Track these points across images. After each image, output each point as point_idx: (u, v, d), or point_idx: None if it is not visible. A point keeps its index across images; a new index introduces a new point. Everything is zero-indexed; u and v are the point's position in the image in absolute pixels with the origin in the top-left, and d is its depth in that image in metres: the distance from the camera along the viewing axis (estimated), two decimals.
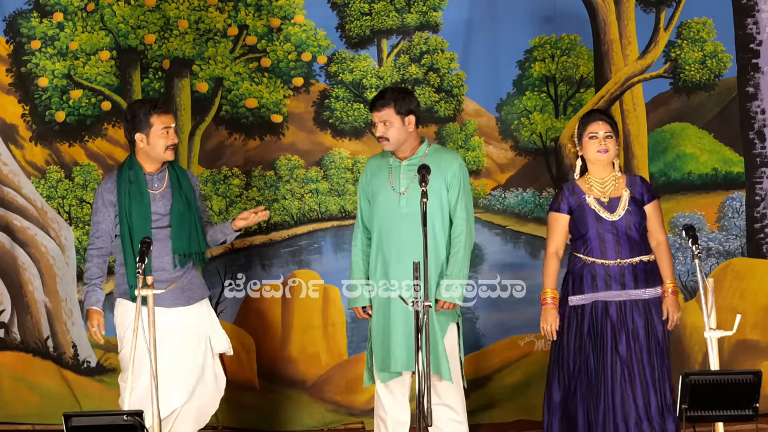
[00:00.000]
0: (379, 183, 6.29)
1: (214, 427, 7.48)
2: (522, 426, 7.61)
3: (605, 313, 6.12)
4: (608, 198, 6.21)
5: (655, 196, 6.30)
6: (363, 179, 6.39)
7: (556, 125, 7.71)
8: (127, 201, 6.10)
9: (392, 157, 6.30)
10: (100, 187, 6.21)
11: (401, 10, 7.64)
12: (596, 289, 6.15)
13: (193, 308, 6.22)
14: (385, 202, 6.25)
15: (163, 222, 6.14)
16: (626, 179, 6.28)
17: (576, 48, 7.70)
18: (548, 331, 6.21)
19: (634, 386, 6.03)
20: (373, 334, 6.28)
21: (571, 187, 6.29)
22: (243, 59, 7.65)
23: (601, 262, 6.15)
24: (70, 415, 4.91)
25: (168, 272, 6.10)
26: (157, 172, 6.18)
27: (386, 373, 6.22)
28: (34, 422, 7.68)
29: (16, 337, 7.69)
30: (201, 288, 6.28)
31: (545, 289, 6.24)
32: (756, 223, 7.71)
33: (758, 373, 4.95)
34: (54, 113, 7.63)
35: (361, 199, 6.38)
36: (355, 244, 6.39)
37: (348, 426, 7.66)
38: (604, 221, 6.17)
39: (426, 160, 6.19)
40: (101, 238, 6.17)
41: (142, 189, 6.11)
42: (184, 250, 6.16)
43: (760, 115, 7.69)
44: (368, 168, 6.39)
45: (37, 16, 7.60)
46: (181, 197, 6.18)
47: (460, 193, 6.23)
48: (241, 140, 7.68)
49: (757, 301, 7.68)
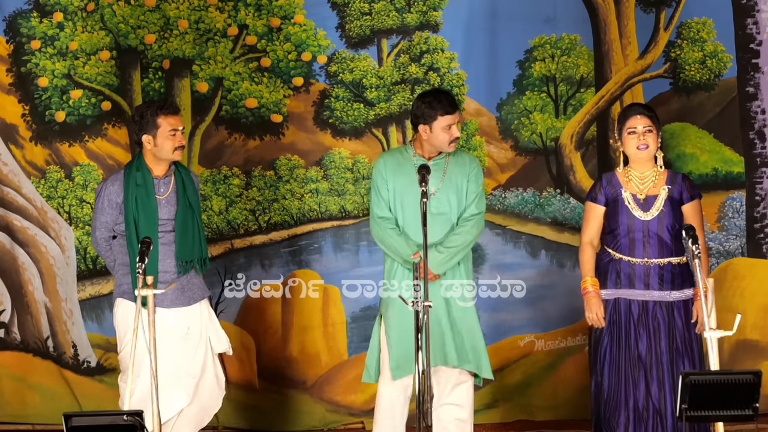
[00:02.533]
0: (406, 182, 6.22)
1: (214, 427, 7.48)
2: (522, 426, 7.61)
3: (628, 311, 6.04)
4: (645, 195, 6.07)
5: (696, 196, 6.15)
6: (380, 175, 6.27)
7: (557, 125, 7.71)
8: (134, 205, 6.08)
9: (415, 156, 6.27)
10: (104, 188, 6.17)
11: (401, 10, 7.64)
12: (619, 286, 6.06)
13: (194, 308, 6.21)
14: (414, 202, 6.15)
15: (168, 227, 6.14)
16: (668, 175, 6.13)
17: (576, 48, 7.70)
18: (595, 320, 6.06)
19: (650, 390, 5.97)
20: (391, 333, 6.22)
21: (609, 178, 6.16)
22: (243, 59, 7.65)
23: (627, 259, 6.05)
24: (70, 415, 4.91)
25: (170, 275, 6.11)
26: (164, 177, 6.17)
27: (401, 371, 6.19)
28: (34, 422, 7.68)
29: (16, 337, 7.69)
30: (201, 288, 6.28)
31: (585, 278, 6.11)
32: (756, 223, 7.71)
33: (758, 373, 4.94)
34: (54, 113, 7.62)
35: (381, 191, 6.26)
36: (385, 227, 6.22)
37: (348, 426, 7.66)
38: (636, 219, 6.05)
39: (450, 161, 6.23)
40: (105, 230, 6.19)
41: (149, 193, 6.10)
42: (187, 257, 6.16)
43: (760, 115, 7.69)
44: (385, 165, 6.28)
45: (37, 16, 7.60)
46: (185, 203, 6.17)
47: (479, 192, 6.27)
48: (241, 140, 7.68)
49: (757, 301, 7.68)
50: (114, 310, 6.23)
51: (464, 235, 6.21)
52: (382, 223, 6.25)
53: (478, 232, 6.30)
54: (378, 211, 6.27)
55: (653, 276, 6.04)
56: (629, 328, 6.03)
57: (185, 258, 6.16)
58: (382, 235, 6.25)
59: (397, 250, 6.20)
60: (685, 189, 6.13)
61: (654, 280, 6.03)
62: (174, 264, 6.13)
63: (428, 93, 6.28)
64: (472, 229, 6.24)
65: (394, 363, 6.17)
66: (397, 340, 6.18)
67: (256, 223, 7.69)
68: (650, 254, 6.04)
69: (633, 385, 5.98)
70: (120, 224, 6.14)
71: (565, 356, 7.59)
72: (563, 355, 7.63)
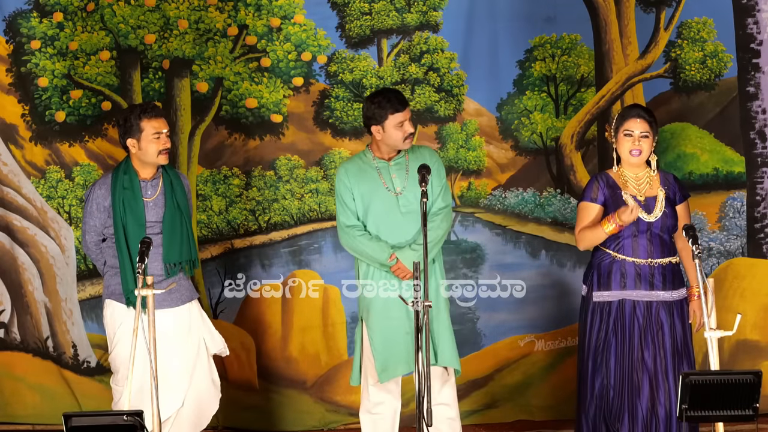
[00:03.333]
0: (371, 187, 6.24)
1: (214, 427, 7.47)
2: (522, 426, 7.61)
3: (633, 314, 6.01)
4: (644, 197, 6.06)
5: (687, 196, 6.17)
6: (343, 184, 6.26)
7: (557, 125, 7.71)
8: (121, 208, 6.11)
9: (374, 159, 6.29)
10: (92, 192, 6.22)
11: (401, 10, 7.64)
12: (625, 287, 6.02)
13: (182, 309, 6.22)
14: (382, 204, 6.22)
15: (156, 229, 6.16)
16: (660, 177, 6.12)
17: (576, 47, 7.70)
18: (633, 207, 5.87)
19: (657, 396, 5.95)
20: (375, 336, 6.25)
21: (605, 179, 6.12)
22: (243, 59, 7.65)
23: (632, 260, 6.02)
24: (70, 415, 4.91)
25: (158, 277, 6.11)
26: (152, 179, 6.18)
27: (387, 374, 6.20)
28: (34, 422, 7.68)
29: (16, 337, 7.68)
30: (189, 290, 6.28)
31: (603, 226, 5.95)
32: (756, 223, 7.70)
33: (758, 373, 4.94)
34: (54, 113, 7.62)
35: (346, 201, 6.27)
36: (354, 235, 6.24)
37: (348, 426, 7.66)
38: (640, 221, 6.00)
39: (410, 158, 6.25)
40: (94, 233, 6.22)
41: (136, 196, 6.12)
42: (174, 259, 6.17)
43: (761, 114, 7.69)
44: (347, 173, 6.28)
45: (37, 16, 7.60)
46: (173, 205, 6.18)
47: (443, 185, 6.28)
48: (241, 140, 7.68)
49: (757, 301, 7.67)
50: (104, 311, 6.24)
51: (435, 231, 6.22)
52: (351, 231, 6.26)
53: (448, 226, 6.32)
54: (345, 220, 6.28)
55: (657, 276, 6.02)
56: (633, 331, 6.01)
57: (172, 260, 6.17)
58: (352, 243, 6.26)
59: (371, 255, 6.21)
60: (677, 190, 6.14)
61: (658, 280, 6.02)
62: (162, 267, 6.14)
63: (377, 93, 6.30)
64: (442, 224, 6.26)
65: (381, 366, 6.18)
66: (381, 342, 6.19)
67: (256, 223, 7.69)
68: (654, 254, 6.03)
69: (637, 388, 5.97)
70: (109, 227, 6.17)
71: (565, 356, 7.59)
72: (563, 355, 7.62)
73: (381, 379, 6.20)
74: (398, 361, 6.15)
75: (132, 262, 6.04)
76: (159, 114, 6.16)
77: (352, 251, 6.30)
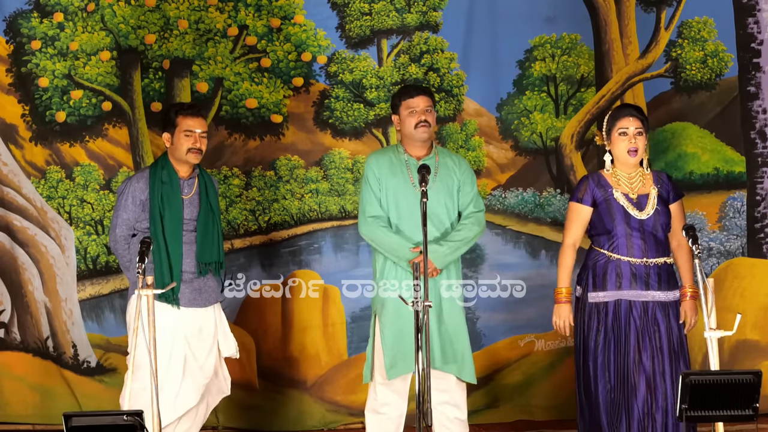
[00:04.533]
0: (398, 181, 6.24)
1: (214, 427, 7.48)
2: (522, 426, 7.61)
3: (629, 314, 5.98)
4: (636, 195, 6.03)
5: (680, 195, 6.14)
6: (373, 174, 6.27)
7: (557, 125, 7.71)
8: (160, 202, 6.14)
9: (405, 154, 6.28)
10: (129, 185, 6.22)
11: (401, 10, 7.64)
12: (621, 288, 5.99)
13: (208, 310, 6.28)
14: (406, 201, 6.19)
15: (190, 227, 6.22)
16: (653, 176, 6.09)
17: (576, 47, 7.70)
18: (561, 327, 6.05)
19: (655, 398, 5.94)
20: (386, 332, 6.22)
21: (596, 179, 6.10)
22: (243, 59, 7.65)
23: (627, 259, 5.99)
24: (70, 415, 4.91)
25: (190, 275, 6.20)
26: (188, 178, 6.24)
27: (396, 370, 6.19)
28: (34, 422, 7.68)
29: (16, 337, 7.69)
30: (216, 292, 6.35)
31: (560, 288, 6.06)
32: (756, 223, 7.70)
33: (758, 373, 4.93)
34: (54, 113, 7.63)
35: (373, 190, 6.25)
36: (377, 225, 6.20)
37: (348, 426, 7.66)
38: (632, 219, 5.99)
39: (440, 161, 6.25)
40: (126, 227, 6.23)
41: (175, 191, 6.17)
42: (207, 259, 6.24)
43: (762, 114, 7.69)
44: (376, 164, 6.29)
45: (37, 16, 7.60)
46: (207, 206, 6.24)
47: (475, 192, 6.31)
48: (241, 140, 7.68)
49: (757, 301, 7.67)
50: (128, 307, 6.25)
51: (466, 231, 6.23)
52: (374, 222, 6.24)
53: (480, 230, 6.30)
54: (370, 210, 6.26)
55: (653, 276, 6.00)
56: (629, 332, 6.00)
57: (205, 260, 6.24)
58: (374, 233, 6.24)
59: (392, 248, 6.19)
60: (671, 189, 6.11)
61: (653, 280, 6.00)
62: (194, 264, 6.19)
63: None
64: (473, 226, 6.26)
65: (390, 362, 6.17)
66: (392, 339, 6.18)
67: (256, 223, 7.69)
68: (649, 254, 6.00)
69: (633, 389, 5.96)
70: (142, 221, 6.19)
71: (565, 356, 7.59)
72: (563, 355, 7.62)
73: (389, 376, 6.18)
74: (408, 358, 6.14)
75: (169, 257, 6.09)
76: (196, 113, 6.24)
77: (372, 242, 6.26)
